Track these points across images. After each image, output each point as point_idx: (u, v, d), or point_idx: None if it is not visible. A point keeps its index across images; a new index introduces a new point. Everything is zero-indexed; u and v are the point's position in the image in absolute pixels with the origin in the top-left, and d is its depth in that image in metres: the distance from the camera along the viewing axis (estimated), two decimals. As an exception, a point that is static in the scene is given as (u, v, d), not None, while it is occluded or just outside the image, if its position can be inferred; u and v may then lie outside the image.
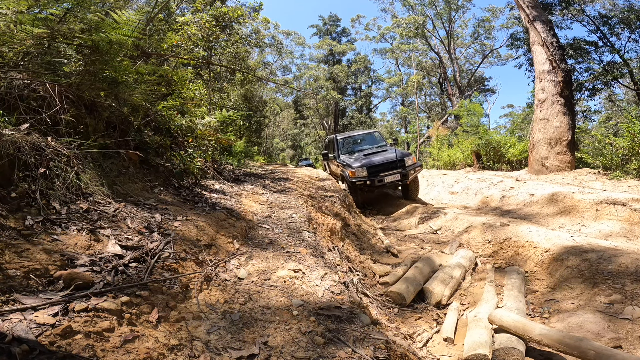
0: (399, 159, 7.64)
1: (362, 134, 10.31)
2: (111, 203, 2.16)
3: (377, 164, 7.64)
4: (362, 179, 7.47)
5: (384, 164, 7.64)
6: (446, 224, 5.53)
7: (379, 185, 7.54)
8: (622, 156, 7.02)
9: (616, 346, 2.12)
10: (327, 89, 33.97)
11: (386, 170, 7.57)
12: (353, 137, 10.00)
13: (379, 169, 7.57)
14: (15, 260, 1.37)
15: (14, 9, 2.20)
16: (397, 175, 7.54)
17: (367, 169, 7.54)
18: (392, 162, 7.65)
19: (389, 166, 7.62)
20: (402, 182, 7.72)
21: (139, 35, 2.74)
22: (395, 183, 7.73)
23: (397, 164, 7.60)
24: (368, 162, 7.74)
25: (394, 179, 7.55)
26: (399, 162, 7.63)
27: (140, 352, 1.20)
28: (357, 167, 7.61)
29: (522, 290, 3.06)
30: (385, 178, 7.49)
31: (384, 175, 7.49)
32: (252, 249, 2.57)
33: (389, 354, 1.57)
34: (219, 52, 10.00)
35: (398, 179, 7.58)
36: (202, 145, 4.68)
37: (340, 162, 8.45)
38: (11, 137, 1.79)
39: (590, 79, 16.14)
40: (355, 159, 8.26)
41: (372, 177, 7.46)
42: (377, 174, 7.50)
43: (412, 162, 7.84)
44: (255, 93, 20.46)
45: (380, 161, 7.73)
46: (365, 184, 7.53)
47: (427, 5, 28.89)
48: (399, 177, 7.56)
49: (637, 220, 4.19)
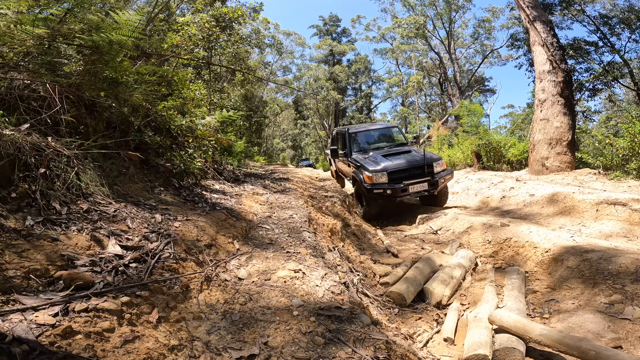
0: (427, 164, 6.17)
1: (379, 127, 8.66)
2: (111, 203, 2.16)
3: (401, 169, 6.18)
4: (381, 187, 6.01)
5: (408, 169, 6.20)
6: (446, 224, 5.53)
7: (402, 195, 6.13)
8: (622, 156, 7.02)
9: (616, 346, 2.12)
10: (327, 89, 33.97)
11: (411, 177, 6.13)
12: (368, 132, 8.28)
13: (402, 175, 6.13)
14: (15, 260, 1.37)
15: (14, 9, 2.20)
16: (424, 184, 6.10)
17: (387, 174, 6.07)
18: (418, 167, 6.19)
19: (414, 172, 6.18)
20: (429, 192, 6.27)
21: (139, 35, 2.74)
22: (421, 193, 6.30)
23: (424, 170, 6.15)
24: (389, 165, 6.21)
25: (420, 188, 6.11)
26: (426, 168, 6.17)
27: (140, 352, 1.20)
28: (374, 170, 6.16)
29: (522, 290, 3.06)
30: (410, 187, 6.02)
31: (409, 184, 6.00)
32: (252, 249, 2.57)
33: (389, 354, 1.57)
34: (219, 52, 10.00)
35: (425, 188, 6.14)
36: (202, 145, 4.68)
37: (353, 162, 7.01)
38: (11, 137, 1.79)
39: (590, 79, 16.15)
40: (371, 159, 6.74)
41: (394, 184, 6.01)
42: (399, 181, 6.05)
43: (441, 168, 6.43)
44: (255, 93, 20.46)
45: (404, 165, 6.26)
46: (384, 194, 6.03)
47: (427, 5, 28.89)
48: (426, 186, 6.12)
49: (637, 220, 4.19)
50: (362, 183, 6.29)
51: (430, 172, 6.21)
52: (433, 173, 6.24)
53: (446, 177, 6.47)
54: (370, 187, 6.09)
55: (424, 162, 6.18)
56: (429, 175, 6.19)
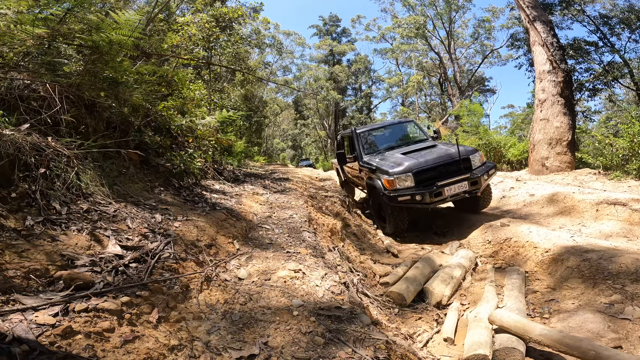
0: (463, 157, 4.86)
1: (392, 124, 7.33)
2: (111, 203, 2.16)
3: (429, 166, 4.87)
4: (406, 193, 4.73)
5: (440, 166, 4.88)
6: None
7: (436, 201, 4.77)
8: (622, 156, 7.02)
9: (616, 346, 2.12)
10: (327, 89, 33.98)
11: (444, 176, 4.82)
12: (380, 129, 7.04)
13: (431, 175, 4.84)
14: (15, 260, 1.37)
15: (14, 9, 2.20)
16: (463, 183, 4.77)
17: (413, 174, 4.80)
18: (451, 163, 4.88)
19: (447, 169, 4.88)
20: (471, 193, 4.88)
21: (139, 35, 2.74)
22: (460, 196, 4.89)
23: (459, 166, 4.84)
24: (414, 164, 4.92)
25: (458, 189, 4.77)
26: (462, 162, 4.85)
27: (140, 352, 1.20)
28: (396, 172, 4.89)
29: (522, 290, 3.06)
30: (445, 189, 4.72)
31: (443, 185, 4.72)
32: (252, 249, 2.57)
33: (389, 354, 1.57)
34: (219, 52, 10.00)
35: (465, 189, 4.79)
36: (202, 145, 4.68)
37: (365, 166, 5.75)
38: (11, 137, 1.79)
39: (590, 79, 16.17)
40: (389, 159, 5.48)
41: (423, 187, 4.74)
42: (430, 182, 4.77)
43: (480, 162, 5.12)
44: (255, 93, 20.47)
45: (434, 161, 4.93)
46: (412, 200, 4.72)
47: (427, 5, 28.91)
48: (466, 186, 4.78)
49: (637, 220, 4.19)
50: (381, 191, 5.01)
51: (467, 167, 4.87)
52: (471, 169, 4.90)
53: (490, 173, 5.06)
54: (393, 195, 4.77)
55: (458, 155, 4.81)
56: (467, 171, 4.85)
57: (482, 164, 5.16)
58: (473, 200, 5.45)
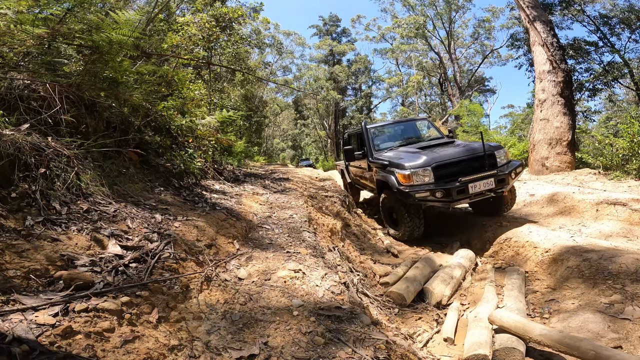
0: (488, 152, 4.45)
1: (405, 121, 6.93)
2: (111, 203, 2.16)
3: (451, 161, 4.46)
4: (425, 189, 4.29)
5: (462, 161, 4.46)
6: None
7: (458, 199, 4.27)
8: (622, 156, 7.02)
9: (616, 346, 2.12)
10: (327, 89, 34.00)
11: (467, 172, 4.37)
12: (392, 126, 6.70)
13: (453, 170, 4.42)
14: (15, 260, 1.37)
15: (14, 9, 2.20)
16: (489, 180, 4.30)
17: (432, 169, 4.36)
18: (475, 158, 4.46)
19: (471, 165, 4.45)
20: (497, 193, 4.42)
21: (139, 35, 2.74)
22: (485, 195, 4.38)
23: (484, 162, 4.41)
24: (434, 158, 4.51)
25: (484, 187, 4.29)
26: (487, 158, 4.43)
27: (140, 352, 1.20)
28: (414, 166, 4.44)
29: (522, 290, 3.06)
30: (470, 185, 4.23)
31: (467, 181, 4.25)
32: (252, 249, 2.57)
33: (389, 354, 1.57)
34: (219, 52, 10.01)
35: (491, 187, 4.31)
36: (202, 145, 4.68)
37: (376, 162, 5.34)
38: (11, 137, 1.79)
39: (590, 79, 16.17)
40: (405, 154, 5.02)
41: (445, 184, 4.31)
42: (452, 179, 4.34)
43: (505, 158, 4.73)
44: (255, 93, 20.48)
45: (456, 155, 4.52)
46: (432, 198, 4.29)
47: (427, 5, 28.94)
48: (492, 183, 4.30)
49: (637, 220, 4.19)
50: (395, 187, 4.54)
51: (492, 164, 4.45)
52: (496, 166, 4.48)
53: (517, 170, 4.62)
54: (410, 191, 4.32)
55: (483, 150, 4.38)
56: (492, 168, 4.41)
57: (508, 161, 4.76)
58: (495, 202, 4.85)
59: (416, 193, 4.31)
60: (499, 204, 4.96)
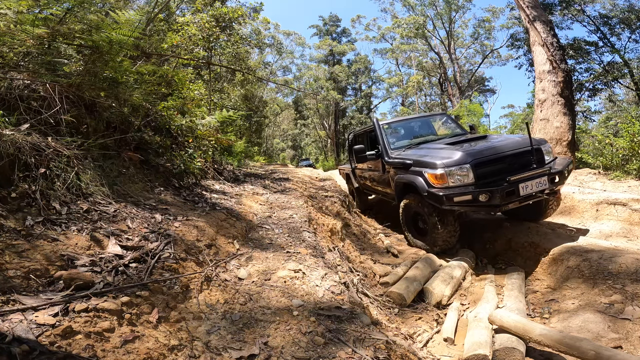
0: (535, 146, 3.72)
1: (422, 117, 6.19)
2: (111, 203, 2.16)
3: (494, 157, 3.68)
4: (466, 191, 3.51)
5: (508, 157, 3.69)
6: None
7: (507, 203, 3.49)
8: (622, 156, 7.02)
9: (616, 346, 2.12)
10: (327, 89, 34.00)
11: (512, 170, 3.60)
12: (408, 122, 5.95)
13: (497, 168, 3.65)
14: (15, 260, 1.37)
15: (14, 9, 2.20)
16: (542, 179, 3.53)
17: (472, 167, 3.59)
18: (522, 153, 3.71)
19: (517, 161, 3.69)
20: (550, 194, 3.74)
21: (139, 35, 2.75)
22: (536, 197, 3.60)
23: (531, 157, 3.68)
24: (472, 154, 3.70)
25: (536, 187, 3.51)
26: (534, 154, 3.69)
27: (140, 352, 1.20)
28: (447, 163, 3.67)
29: (522, 290, 3.06)
30: (521, 186, 3.45)
31: (517, 181, 3.46)
32: (252, 249, 2.57)
33: (389, 354, 1.57)
34: (219, 52, 10.00)
35: (545, 186, 3.54)
36: (202, 145, 4.68)
37: (394, 162, 4.59)
38: (11, 137, 1.79)
39: (590, 79, 16.19)
40: (433, 152, 4.17)
41: (488, 184, 3.53)
42: (496, 178, 3.57)
43: (551, 154, 3.99)
44: (255, 93, 20.49)
45: (498, 151, 3.73)
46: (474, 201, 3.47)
47: (427, 5, 28.95)
48: (546, 182, 3.54)
49: (637, 220, 4.19)
50: (424, 190, 3.78)
51: (540, 160, 3.74)
52: (544, 162, 3.77)
53: (569, 168, 3.90)
54: (445, 194, 3.54)
55: (530, 144, 3.65)
56: (540, 165, 3.69)
57: (554, 158, 4.01)
58: (537, 205, 4.10)
59: (454, 196, 3.51)
60: (542, 207, 4.19)
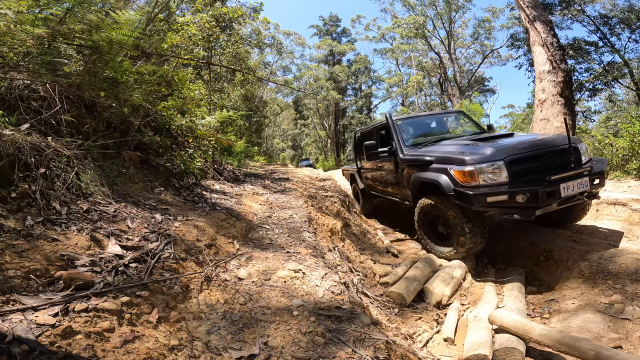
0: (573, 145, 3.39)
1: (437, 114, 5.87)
2: (111, 203, 2.16)
3: (531, 153, 3.35)
4: (501, 190, 3.14)
5: (545, 155, 3.36)
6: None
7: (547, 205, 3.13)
8: (622, 156, 7.02)
9: (616, 346, 2.12)
10: (327, 89, 34.01)
11: (549, 170, 3.29)
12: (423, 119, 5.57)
13: (533, 166, 3.33)
14: (15, 260, 1.37)
15: (14, 9, 2.20)
16: (584, 180, 3.26)
17: (506, 164, 3.22)
18: (559, 152, 3.40)
19: (555, 159, 3.37)
20: (590, 196, 3.45)
21: (139, 35, 2.75)
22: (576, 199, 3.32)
23: (569, 156, 3.35)
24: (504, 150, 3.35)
25: (577, 189, 3.22)
26: (572, 152, 3.36)
27: (140, 352, 1.20)
28: (478, 159, 3.30)
29: (522, 290, 3.06)
30: (563, 187, 3.13)
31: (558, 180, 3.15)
32: (252, 249, 2.57)
33: (389, 354, 1.57)
34: (219, 52, 10.00)
35: (586, 187, 3.27)
36: (202, 145, 4.68)
37: (412, 159, 4.23)
38: (11, 137, 1.79)
39: (590, 79, 16.20)
40: (458, 147, 3.77)
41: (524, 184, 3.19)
42: (532, 177, 3.26)
43: (588, 154, 3.72)
44: (255, 93, 20.49)
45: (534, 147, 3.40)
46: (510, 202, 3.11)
47: (427, 5, 28.96)
48: (587, 184, 3.27)
49: (637, 220, 4.19)
50: (450, 189, 3.40)
51: (577, 160, 3.43)
52: (581, 162, 3.47)
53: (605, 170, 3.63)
54: (476, 194, 3.16)
55: (568, 141, 3.33)
56: (577, 165, 3.38)
57: (590, 158, 3.73)
58: (570, 209, 3.74)
59: (487, 196, 3.12)
60: (574, 211, 3.87)
